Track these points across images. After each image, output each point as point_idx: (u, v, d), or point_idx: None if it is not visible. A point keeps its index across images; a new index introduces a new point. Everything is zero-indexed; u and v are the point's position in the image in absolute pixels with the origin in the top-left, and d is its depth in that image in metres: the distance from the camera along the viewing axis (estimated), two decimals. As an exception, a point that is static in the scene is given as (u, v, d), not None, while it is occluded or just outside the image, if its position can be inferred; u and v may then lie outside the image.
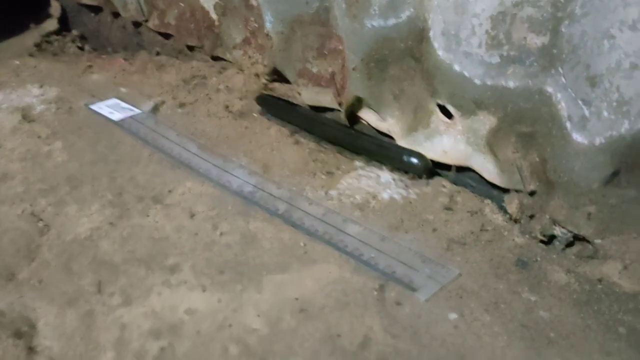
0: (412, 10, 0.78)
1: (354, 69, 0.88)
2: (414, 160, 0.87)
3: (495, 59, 0.73)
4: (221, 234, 0.78)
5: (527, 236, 0.76)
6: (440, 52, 0.77)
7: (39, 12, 1.47)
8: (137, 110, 1.06)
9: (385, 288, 0.69)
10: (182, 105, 1.08)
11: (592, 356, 0.61)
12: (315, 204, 0.83)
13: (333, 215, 0.80)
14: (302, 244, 0.76)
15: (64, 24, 1.47)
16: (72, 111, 1.06)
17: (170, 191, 0.86)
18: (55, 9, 1.45)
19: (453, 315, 0.65)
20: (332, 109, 0.99)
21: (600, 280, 0.70)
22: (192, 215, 0.81)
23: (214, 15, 1.12)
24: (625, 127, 0.64)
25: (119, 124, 1.02)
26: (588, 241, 0.74)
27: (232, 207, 0.83)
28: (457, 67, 0.76)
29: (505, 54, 0.72)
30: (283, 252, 0.75)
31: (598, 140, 0.67)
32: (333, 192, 0.85)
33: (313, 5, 0.92)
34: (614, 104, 0.64)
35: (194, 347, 0.62)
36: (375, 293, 0.68)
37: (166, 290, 0.69)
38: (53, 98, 1.10)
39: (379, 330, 0.64)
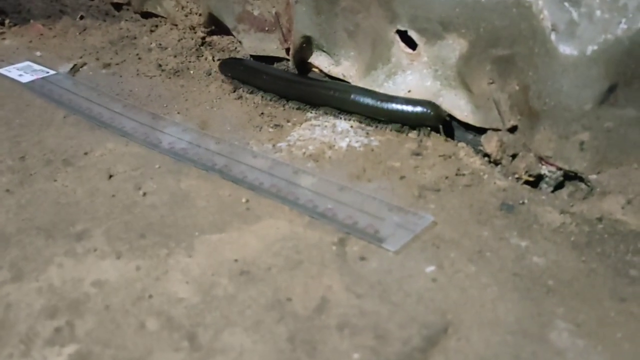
0: None
1: (297, 2, 0.75)
2: (421, 109, 0.70)
3: (463, -33, 0.62)
4: (145, 194, 0.64)
5: (510, 178, 0.65)
6: (398, -33, 0.65)
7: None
8: (51, 72, 0.90)
9: (347, 242, 0.56)
10: (106, 65, 0.93)
11: (603, 303, 0.49)
12: (260, 156, 0.69)
13: (282, 167, 0.67)
14: (244, 200, 0.62)
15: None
16: (-27, 77, 0.90)
17: (86, 153, 0.72)
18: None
19: (430, 268, 0.53)
20: (279, 59, 0.87)
21: (600, 219, 0.58)
22: (110, 177, 0.67)
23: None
24: (622, 27, 0.54)
25: (28, 86, 0.86)
26: (581, 179, 0.63)
27: (160, 165, 0.69)
28: (418, -18, 0.64)
29: (474, -41, 0.61)
30: (221, 210, 0.61)
31: (590, 49, 0.56)
32: (282, 144, 0.72)
33: None
34: (608, -1, 0.53)
35: (100, 325, 0.48)
36: (334, 248, 0.55)
37: (69, 260, 0.55)
38: (-48, 65, 0.94)
39: (340, 289, 0.50)
